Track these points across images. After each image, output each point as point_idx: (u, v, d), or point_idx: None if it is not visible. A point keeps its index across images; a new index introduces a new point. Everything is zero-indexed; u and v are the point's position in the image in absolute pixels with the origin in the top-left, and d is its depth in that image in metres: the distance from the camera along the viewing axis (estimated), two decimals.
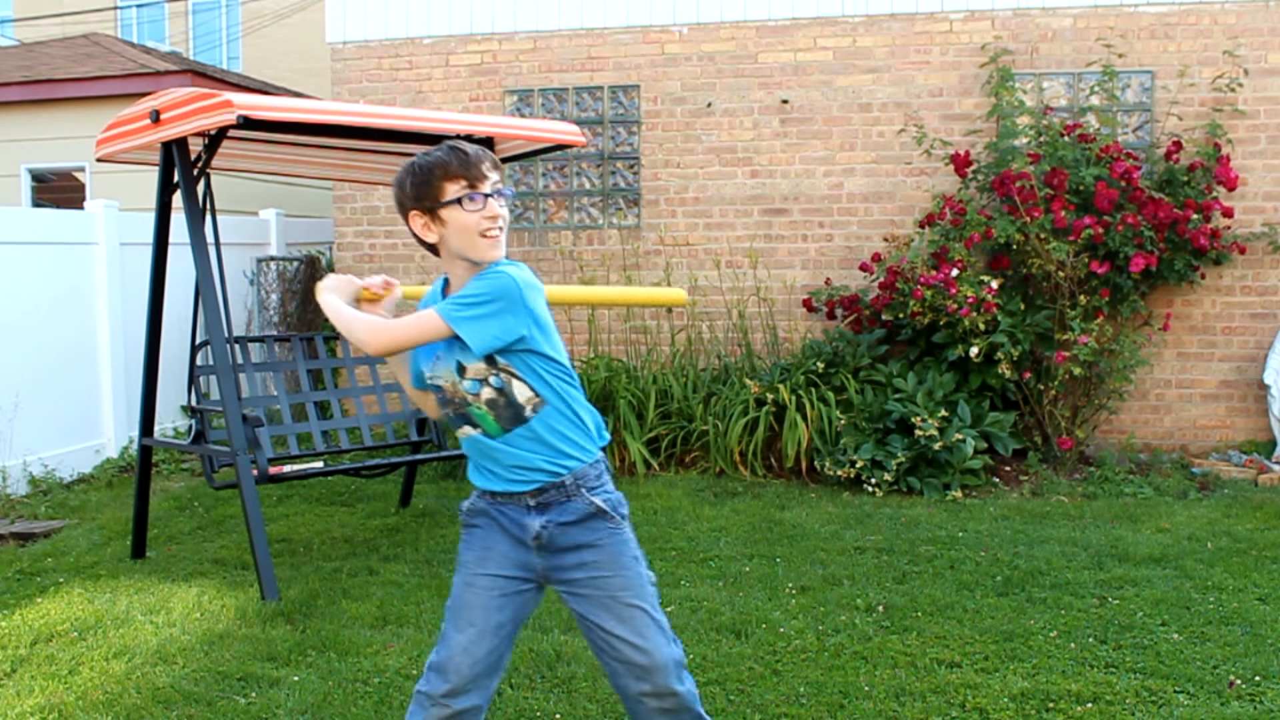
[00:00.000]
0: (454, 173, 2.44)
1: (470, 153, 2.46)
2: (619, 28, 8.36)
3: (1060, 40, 7.79)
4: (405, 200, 2.51)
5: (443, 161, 2.45)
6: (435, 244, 2.53)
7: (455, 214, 2.46)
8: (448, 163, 2.45)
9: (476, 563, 2.59)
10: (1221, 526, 5.73)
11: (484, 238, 2.47)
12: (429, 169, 2.46)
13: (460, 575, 2.62)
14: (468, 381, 2.51)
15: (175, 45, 16.14)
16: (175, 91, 4.88)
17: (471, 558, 2.61)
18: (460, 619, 2.57)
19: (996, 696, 3.63)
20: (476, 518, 2.63)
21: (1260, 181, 7.60)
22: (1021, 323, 7.06)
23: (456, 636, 2.55)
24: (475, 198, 2.45)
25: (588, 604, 2.57)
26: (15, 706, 3.69)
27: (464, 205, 2.45)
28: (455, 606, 2.59)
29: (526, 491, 2.54)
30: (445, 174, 2.45)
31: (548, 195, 8.57)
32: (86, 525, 6.16)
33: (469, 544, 2.63)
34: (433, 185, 2.45)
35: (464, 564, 2.62)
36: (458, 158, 2.45)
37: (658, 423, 7.38)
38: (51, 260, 7.33)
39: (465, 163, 2.44)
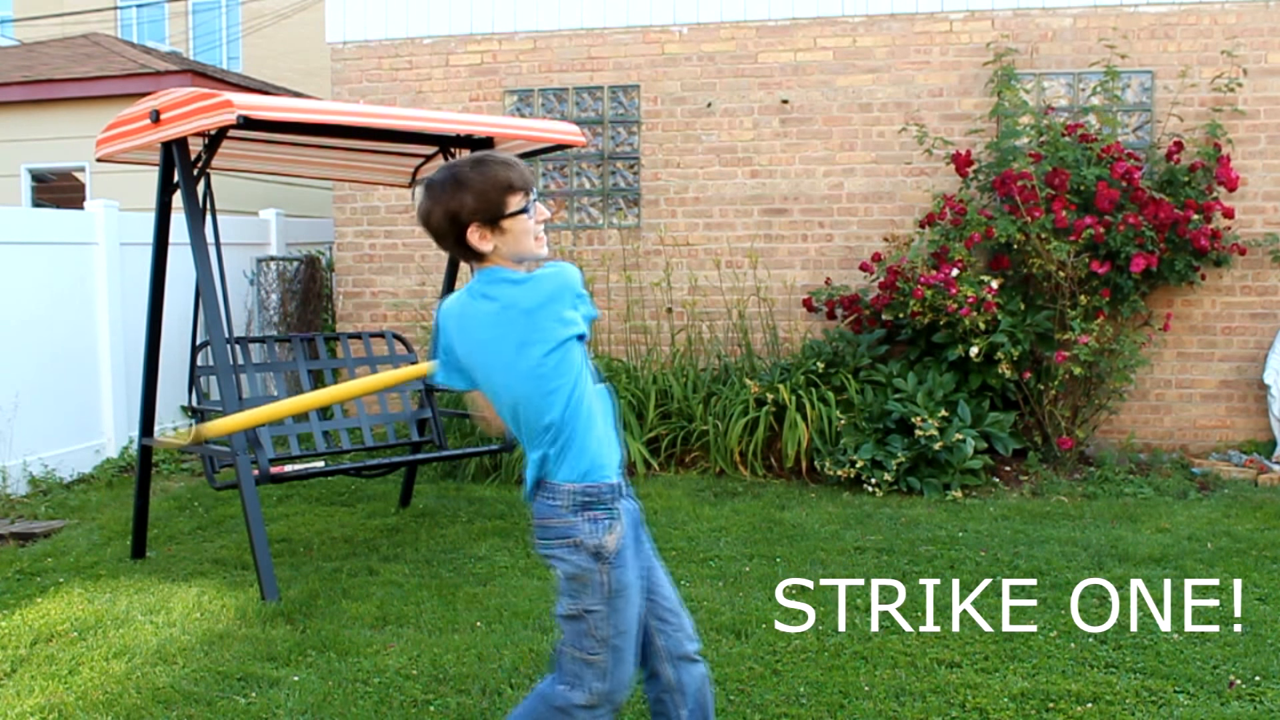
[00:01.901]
0: (518, 187, 2.54)
1: (523, 165, 2.59)
2: (619, 28, 8.36)
3: (1060, 40, 7.79)
4: (461, 213, 2.51)
5: (505, 177, 2.53)
6: (485, 253, 2.54)
7: (517, 222, 2.54)
8: (511, 179, 2.53)
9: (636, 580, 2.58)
10: (1221, 526, 5.73)
11: (537, 239, 2.60)
12: (492, 184, 2.52)
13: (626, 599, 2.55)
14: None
15: (175, 45, 16.14)
16: (175, 91, 4.88)
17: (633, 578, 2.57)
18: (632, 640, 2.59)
19: (996, 696, 3.63)
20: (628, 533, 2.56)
21: (1260, 182, 7.60)
22: (1022, 323, 7.06)
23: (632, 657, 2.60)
24: (532, 207, 2.57)
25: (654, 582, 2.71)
26: (15, 706, 3.69)
27: (528, 213, 2.56)
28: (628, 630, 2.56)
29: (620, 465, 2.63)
30: (510, 188, 2.53)
31: (548, 195, 8.57)
32: (86, 525, 6.16)
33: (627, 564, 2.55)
34: (497, 199, 2.51)
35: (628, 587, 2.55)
36: (518, 173, 2.55)
37: (658, 423, 7.38)
38: (51, 260, 7.33)
39: (524, 176, 2.56)
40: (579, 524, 2.49)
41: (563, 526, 2.50)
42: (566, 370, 2.47)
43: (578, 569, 2.50)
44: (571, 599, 2.53)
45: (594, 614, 2.51)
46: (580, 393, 2.49)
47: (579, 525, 2.49)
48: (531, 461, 2.55)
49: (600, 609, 2.51)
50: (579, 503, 2.49)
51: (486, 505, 6.49)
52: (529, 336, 2.46)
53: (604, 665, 2.52)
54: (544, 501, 2.53)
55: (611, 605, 2.51)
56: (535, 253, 2.60)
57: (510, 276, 2.53)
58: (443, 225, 2.53)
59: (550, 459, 2.50)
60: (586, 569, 2.50)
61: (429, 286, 8.61)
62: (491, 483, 7.06)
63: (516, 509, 6.35)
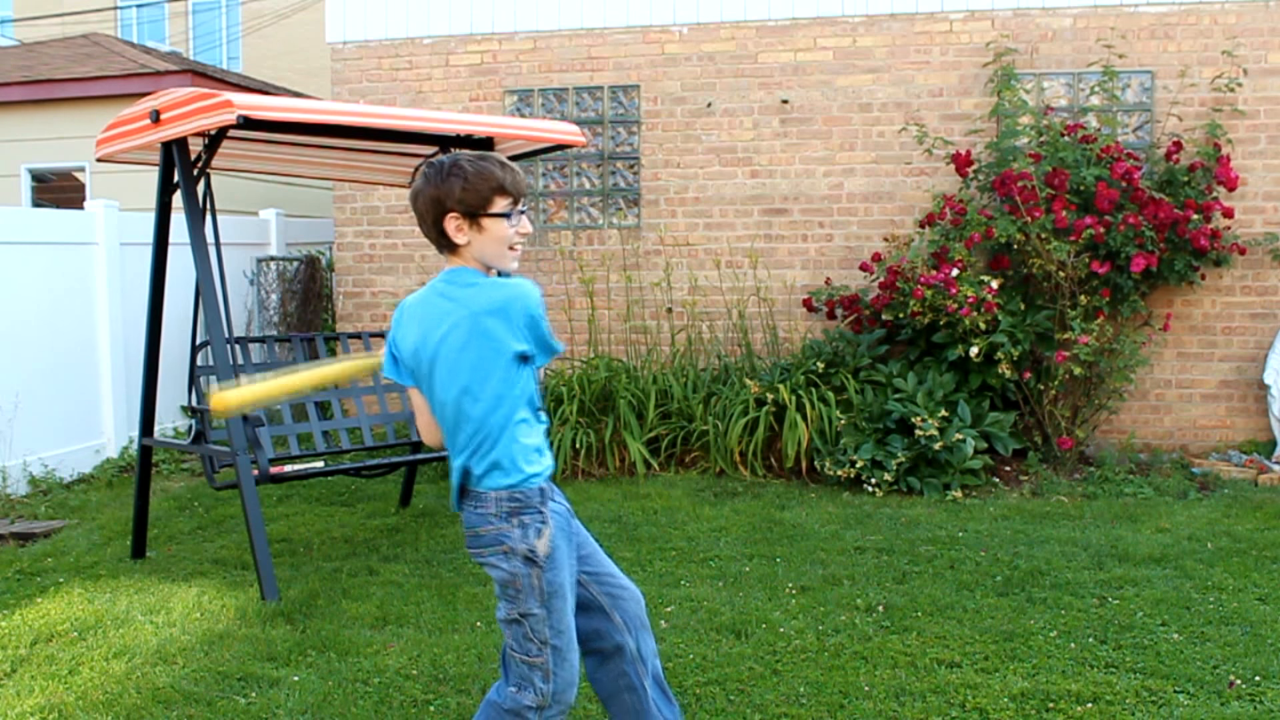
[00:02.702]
0: (508, 191, 2.55)
1: (519, 172, 2.59)
2: (619, 28, 8.36)
3: (1060, 40, 7.79)
4: (446, 200, 2.53)
5: (498, 176, 2.54)
6: (458, 245, 2.56)
7: (496, 225, 2.55)
8: (503, 179, 2.54)
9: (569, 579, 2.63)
10: (1221, 526, 5.73)
11: (512, 250, 2.60)
12: (483, 179, 2.53)
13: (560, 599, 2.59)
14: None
15: (175, 45, 16.14)
16: (175, 91, 4.88)
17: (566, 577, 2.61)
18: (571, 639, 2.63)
19: (996, 696, 3.63)
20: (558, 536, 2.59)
21: (1260, 182, 7.60)
22: (1022, 322, 7.06)
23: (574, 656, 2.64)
24: (517, 215, 2.58)
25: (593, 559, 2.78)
26: (15, 706, 3.69)
27: (510, 220, 2.56)
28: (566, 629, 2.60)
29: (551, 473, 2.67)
30: (500, 189, 2.54)
31: (548, 195, 8.57)
32: (86, 525, 6.16)
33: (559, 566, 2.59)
34: (483, 194, 2.52)
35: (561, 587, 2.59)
36: (511, 176, 2.56)
37: (658, 423, 7.38)
38: (51, 260, 7.33)
39: (517, 183, 2.57)
40: (509, 530, 2.52)
41: (493, 534, 2.53)
42: (503, 382, 2.49)
43: (511, 574, 2.53)
44: (509, 604, 2.56)
45: (532, 617, 2.55)
46: (513, 408, 2.51)
47: (509, 532, 2.52)
48: (455, 469, 2.56)
49: (538, 612, 2.54)
50: (507, 510, 2.52)
51: None
52: (472, 340, 2.48)
53: (546, 666, 2.58)
54: (472, 511, 2.55)
55: (549, 607, 2.55)
56: (504, 263, 2.60)
57: (470, 279, 2.54)
58: (427, 207, 2.55)
59: (475, 467, 2.53)
60: (520, 574, 2.52)
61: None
62: None
63: None
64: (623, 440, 7.18)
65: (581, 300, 8.32)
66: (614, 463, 7.19)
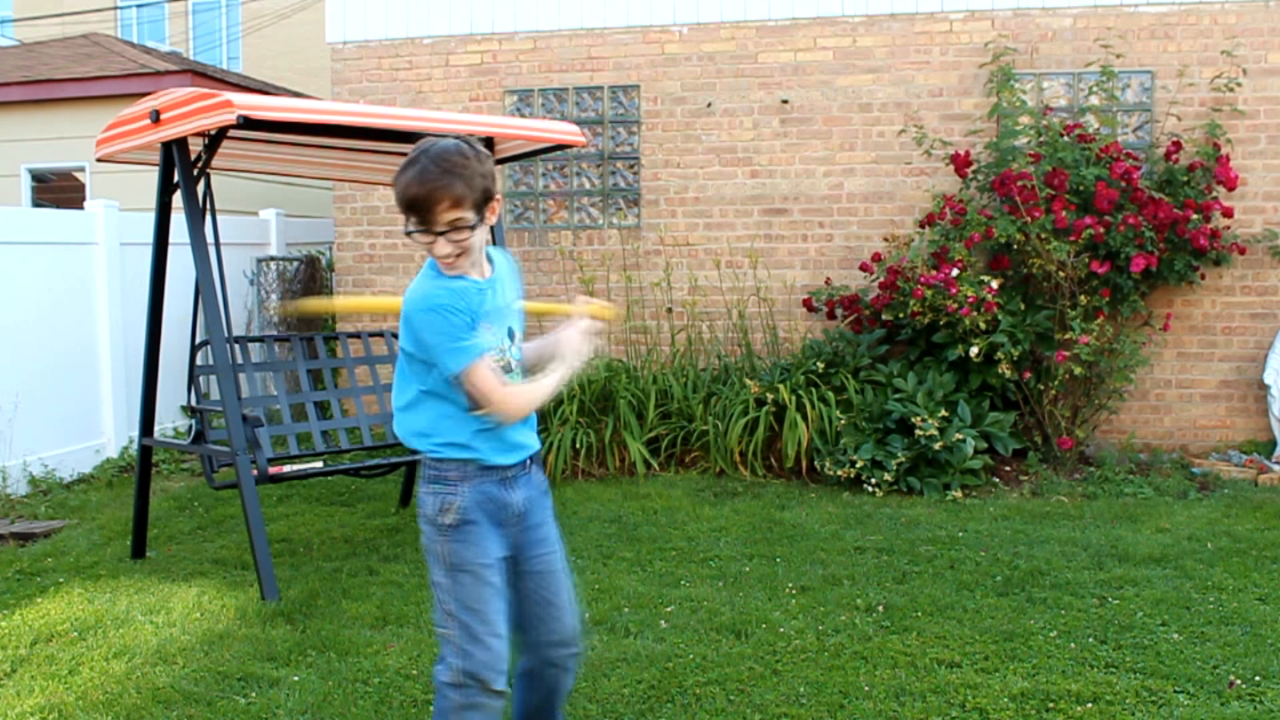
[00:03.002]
0: (405, 209, 2.52)
1: (423, 195, 2.48)
2: (619, 28, 8.36)
3: (1060, 40, 7.79)
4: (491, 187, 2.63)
5: (399, 192, 2.51)
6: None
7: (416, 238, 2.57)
8: (401, 198, 2.51)
9: (483, 556, 2.65)
10: (1221, 526, 5.73)
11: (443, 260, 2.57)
12: (396, 190, 2.52)
13: (468, 575, 2.64)
14: (514, 348, 2.73)
15: (175, 45, 16.14)
16: (175, 91, 4.88)
17: (477, 554, 2.65)
18: (488, 617, 2.63)
19: (996, 696, 3.63)
20: (467, 512, 2.65)
21: (1260, 181, 7.60)
22: (1022, 322, 7.06)
23: (493, 637, 2.62)
24: (420, 234, 2.53)
25: (541, 578, 2.77)
26: (15, 706, 3.69)
27: (413, 237, 2.56)
28: (478, 607, 2.62)
29: (512, 464, 2.69)
30: (400, 205, 2.53)
31: (548, 195, 8.57)
32: (86, 525, 6.16)
33: (468, 542, 2.65)
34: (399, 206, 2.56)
35: (468, 562, 2.64)
36: (407, 197, 2.49)
37: (658, 423, 7.38)
38: (51, 260, 7.33)
39: (415, 204, 2.49)
40: (425, 496, 2.68)
41: (420, 497, 2.71)
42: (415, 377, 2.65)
43: (425, 539, 2.68)
44: (430, 569, 2.69)
45: (439, 586, 2.65)
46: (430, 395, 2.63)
47: (425, 497, 2.68)
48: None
49: (443, 581, 2.64)
50: (428, 476, 2.68)
51: None
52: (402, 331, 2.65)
53: (456, 640, 2.62)
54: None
55: (452, 579, 2.63)
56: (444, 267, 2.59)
57: (424, 273, 2.64)
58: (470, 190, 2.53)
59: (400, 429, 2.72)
60: (429, 539, 2.67)
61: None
62: None
63: None
64: (623, 440, 7.18)
65: None
66: (614, 463, 7.19)
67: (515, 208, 8.62)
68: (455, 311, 2.56)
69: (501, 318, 2.70)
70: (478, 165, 2.54)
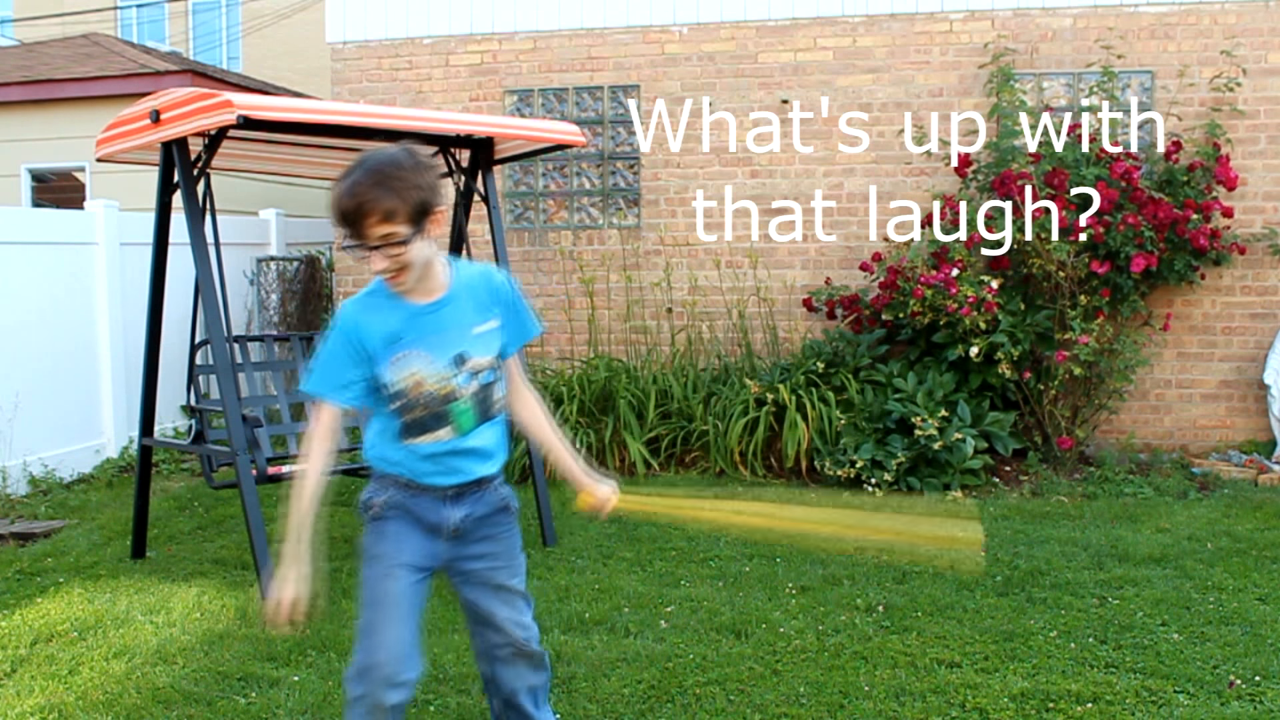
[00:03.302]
0: (337, 222, 2.44)
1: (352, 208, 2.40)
2: (619, 28, 8.36)
3: (1060, 40, 7.79)
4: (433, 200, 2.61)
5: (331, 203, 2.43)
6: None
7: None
8: (333, 210, 2.43)
9: (394, 554, 2.64)
10: (1221, 526, 5.73)
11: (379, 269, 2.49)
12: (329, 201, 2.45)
13: (376, 568, 2.64)
14: (462, 375, 2.59)
15: (175, 45, 16.14)
16: (175, 91, 4.88)
17: (388, 549, 2.64)
18: (387, 612, 2.61)
19: (996, 696, 3.63)
20: (389, 510, 2.65)
21: (1260, 181, 7.60)
22: (1022, 322, 7.06)
23: (389, 630, 2.59)
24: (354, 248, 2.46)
25: (480, 591, 2.74)
26: (15, 706, 3.69)
27: (348, 252, 2.49)
28: (378, 600, 2.62)
29: (451, 485, 2.64)
30: (333, 218, 2.45)
31: (548, 195, 8.57)
32: (86, 525, 6.16)
33: (382, 536, 2.66)
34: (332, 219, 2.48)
35: (378, 556, 2.65)
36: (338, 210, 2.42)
37: (658, 423, 7.38)
38: (51, 260, 7.33)
39: (345, 218, 2.41)
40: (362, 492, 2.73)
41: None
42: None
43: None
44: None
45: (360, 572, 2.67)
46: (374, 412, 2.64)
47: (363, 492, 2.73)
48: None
49: (362, 572, 2.66)
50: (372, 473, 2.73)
51: None
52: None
53: (360, 630, 2.63)
54: None
55: (366, 566, 2.65)
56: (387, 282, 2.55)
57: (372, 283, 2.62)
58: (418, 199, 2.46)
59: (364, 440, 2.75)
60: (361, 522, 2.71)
61: None
62: None
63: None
64: (623, 440, 7.18)
65: (581, 300, 8.32)
66: (614, 463, 7.19)
67: (515, 208, 8.62)
68: (341, 333, 2.53)
69: (443, 343, 2.57)
70: (414, 176, 2.43)
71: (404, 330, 2.53)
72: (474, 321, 2.62)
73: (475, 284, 2.65)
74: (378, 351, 2.54)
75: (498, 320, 2.66)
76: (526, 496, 6.37)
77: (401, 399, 2.58)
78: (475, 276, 2.67)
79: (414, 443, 2.60)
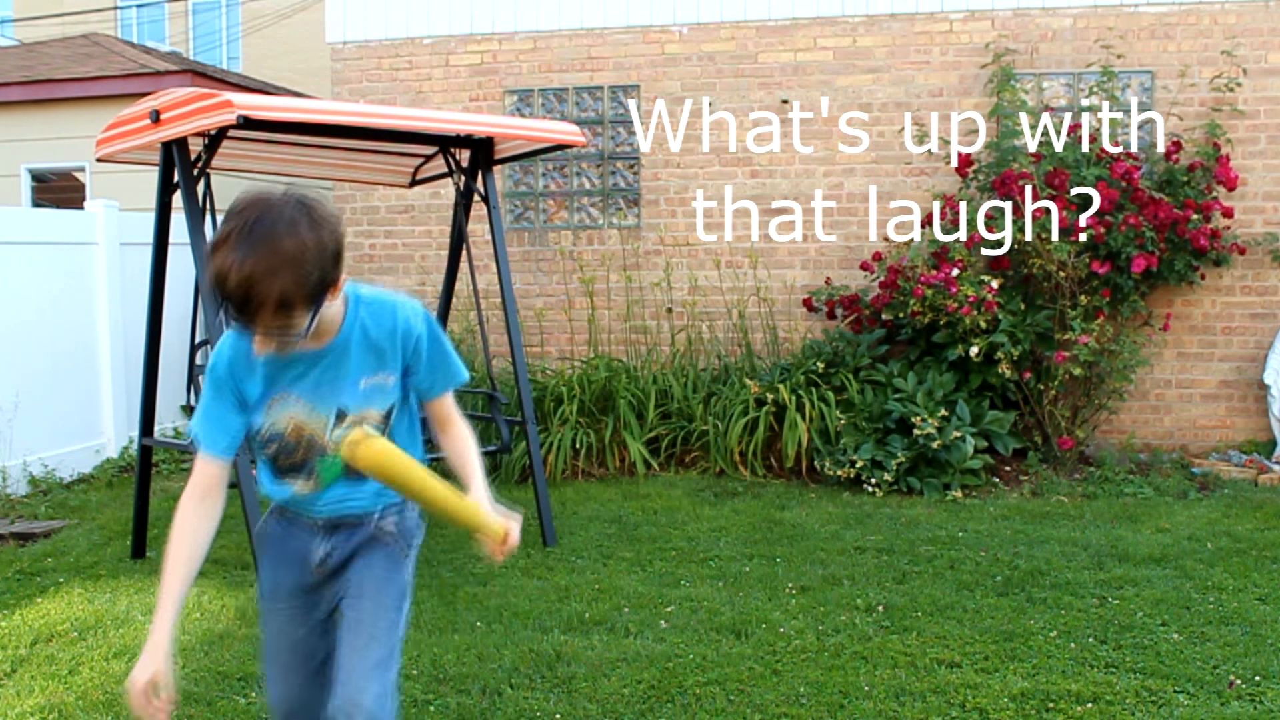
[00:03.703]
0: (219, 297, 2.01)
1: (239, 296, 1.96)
2: (619, 28, 8.36)
3: (1060, 40, 7.79)
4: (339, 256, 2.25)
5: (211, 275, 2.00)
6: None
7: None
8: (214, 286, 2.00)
9: (270, 594, 2.46)
10: (1221, 526, 5.73)
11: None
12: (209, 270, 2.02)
13: (260, 605, 2.48)
14: (340, 430, 2.26)
15: (175, 45, 16.14)
16: (175, 91, 4.88)
17: (265, 589, 2.47)
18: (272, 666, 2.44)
19: (996, 696, 3.63)
20: (262, 543, 2.48)
21: (1260, 181, 7.60)
22: (1022, 322, 7.06)
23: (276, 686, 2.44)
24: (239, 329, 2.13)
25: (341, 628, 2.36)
26: (15, 706, 3.69)
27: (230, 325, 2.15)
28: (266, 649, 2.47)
29: (323, 517, 2.38)
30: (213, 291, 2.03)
31: (548, 195, 8.57)
32: (86, 525, 6.16)
33: (260, 570, 2.50)
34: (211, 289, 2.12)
35: (260, 595, 2.48)
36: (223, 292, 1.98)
37: (658, 423, 7.38)
38: (51, 260, 7.33)
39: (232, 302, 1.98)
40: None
41: None
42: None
43: None
44: None
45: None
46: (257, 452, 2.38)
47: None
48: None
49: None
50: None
51: None
52: None
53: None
54: None
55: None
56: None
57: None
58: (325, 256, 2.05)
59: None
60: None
61: (429, 286, 8.60)
62: (491, 483, 7.02)
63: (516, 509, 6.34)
64: (623, 440, 7.18)
65: (581, 300, 8.32)
66: (614, 463, 7.19)
67: (515, 208, 8.62)
68: (218, 378, 2.26)
69: (322, 396, 2.25)
70: (316, 247, 1.99)
71: (279, 377, 2.24)
72: (361, 374, 2.26)
73: (374, 329, 2.26)
74: (254, 397, 2.26)
75: (394, 375, 2.29)
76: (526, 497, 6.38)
77: (273, 444, 2.31)
78: (378, 320, 2.27)
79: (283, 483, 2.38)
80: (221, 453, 2.28)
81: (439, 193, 8.46)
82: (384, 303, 2.30)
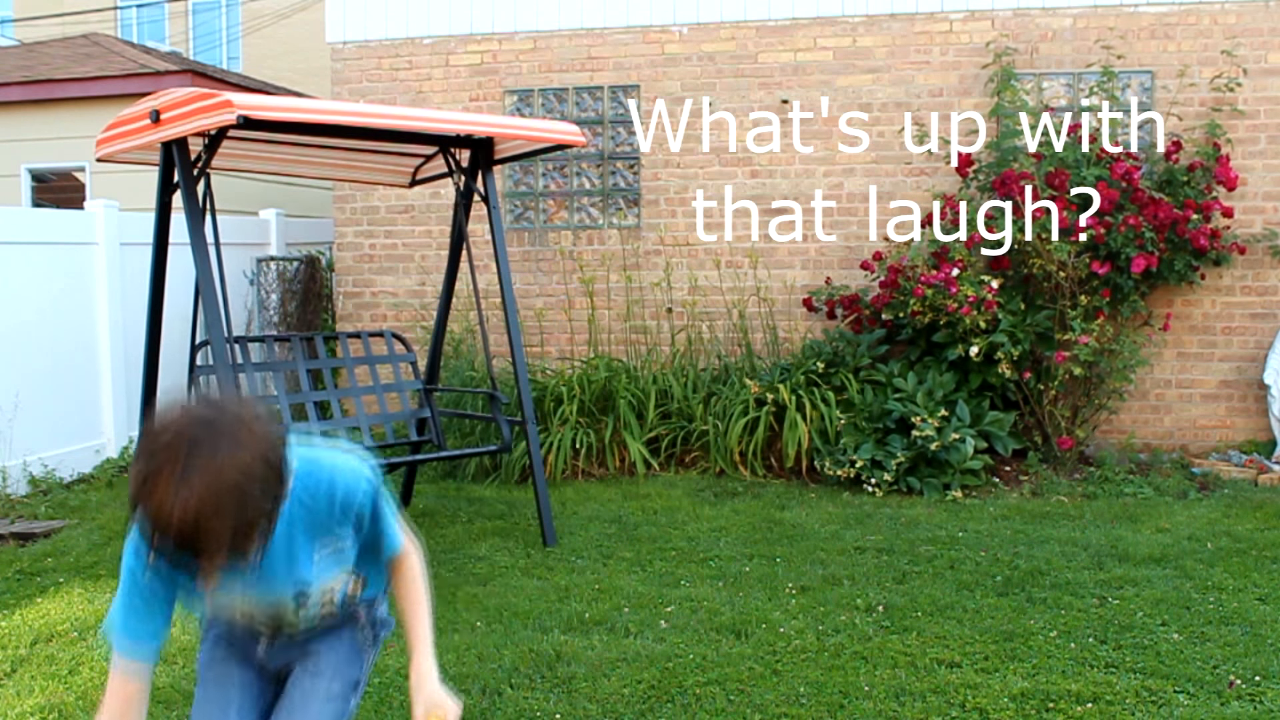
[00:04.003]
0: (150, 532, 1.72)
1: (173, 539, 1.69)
2: (619, 28, 8.36)
3: (1060, 40, 7.79)
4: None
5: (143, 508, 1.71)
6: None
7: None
8: (146, 521, 1.71)
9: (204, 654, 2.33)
10: (1221, 526, 5.73)
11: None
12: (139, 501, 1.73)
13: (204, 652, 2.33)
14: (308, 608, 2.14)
15: (175, 45, 16.14)
16: (175, 91, 4.88)
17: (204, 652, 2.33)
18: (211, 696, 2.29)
19: (996, 696, 3.63)
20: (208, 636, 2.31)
21: (1260, 181, 7.60)
22: (1022, 322, 7.06)
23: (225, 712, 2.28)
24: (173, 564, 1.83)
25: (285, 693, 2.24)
26: (15, 706, 3.68)
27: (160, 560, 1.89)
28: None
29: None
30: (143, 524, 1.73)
31: (548, 195, 8.57)
32: (86, 525, 6.16)
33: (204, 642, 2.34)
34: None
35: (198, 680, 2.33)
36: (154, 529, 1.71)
37: (658, 423, 7.38)
38: (51, 260, 7.33)
39: (167, 541, 1.70)
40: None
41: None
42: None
43: None
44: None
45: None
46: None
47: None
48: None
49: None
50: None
51: (486, 505, 6.49)
52: None
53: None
54: None
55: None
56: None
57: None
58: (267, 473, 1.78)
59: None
60: None
61: (429, 286, 8.61)
62: (491, 483, 7.06)
63: (516, 509, 6.35)
64: (623, 440, 7.18)
65: (581, 300, 8.32)
66: (614, 463, 7.19)
67: (515, 208, 8.62)
68: (137, 572, 1.97)
69: (272, 584, 2.07)
70: (262, 466, 1.73)
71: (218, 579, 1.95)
72: (311, 550, 2.06)
73: (313, 504, 2.02)
74: (186, 590, 2.03)
75: (347, 538, 2.11)
76: (526, 497, 6.39)
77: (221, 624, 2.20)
78: (313, 494, 2.01)
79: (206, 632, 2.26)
80: (141, 656, 1.98)
81: (439, 193, 8.46)
82: (319, 474, 2.02)
